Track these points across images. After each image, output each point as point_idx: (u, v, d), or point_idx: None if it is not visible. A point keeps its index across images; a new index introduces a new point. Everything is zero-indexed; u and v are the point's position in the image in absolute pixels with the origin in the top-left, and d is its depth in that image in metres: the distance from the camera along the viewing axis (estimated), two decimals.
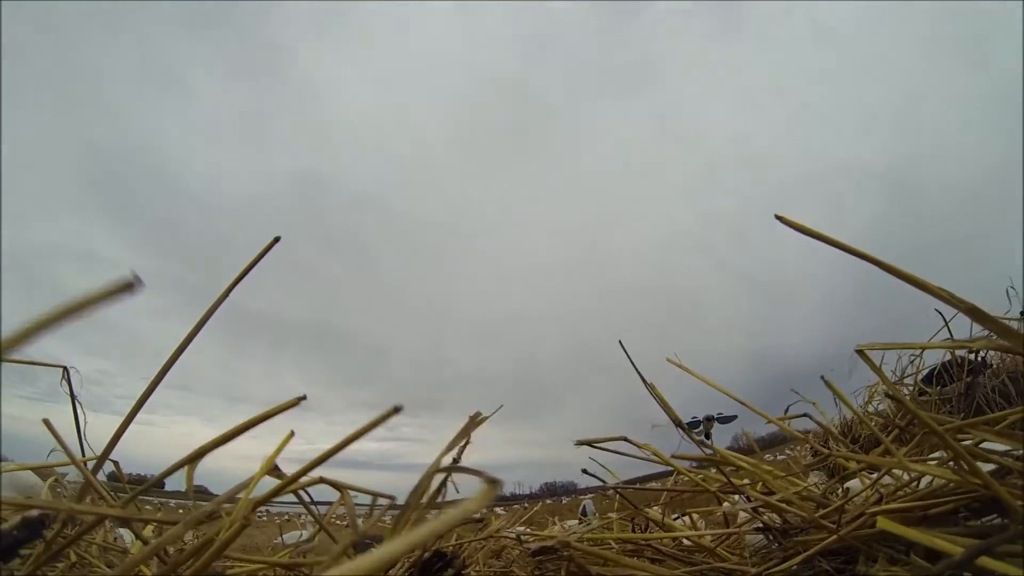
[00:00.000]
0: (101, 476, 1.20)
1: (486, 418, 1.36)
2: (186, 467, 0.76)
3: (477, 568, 1.47)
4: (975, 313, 0.56)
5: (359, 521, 0.90)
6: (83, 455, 1.17)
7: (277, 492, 0.76)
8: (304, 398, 0.74)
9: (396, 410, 0.63)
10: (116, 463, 1.16)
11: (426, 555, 1.19)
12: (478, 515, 1.42)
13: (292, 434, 0.88)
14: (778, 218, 0.40)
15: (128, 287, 0.36)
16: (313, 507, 1.03)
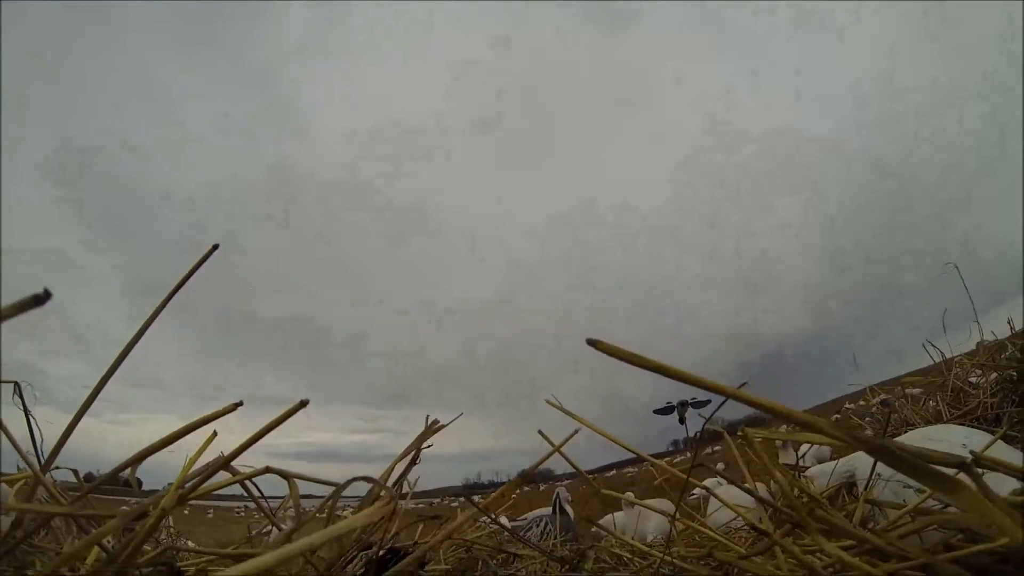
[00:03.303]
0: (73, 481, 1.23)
1: (443, 426, 1.42)
2: (130, 467, 0.79)
3: (438, 564, 1.50)
4: (883, 454, 0.55)
5: (313, 512, 0.94)
6: (40, 463, 1.21)
7: (202, 482, 0.80)
8: (241, 404, 0.78)
9: (303, 404, 0.67)
10: (75, 470, 1.19)
11: (381, 552, 1.22)
12: (434, 513, 1.45)
13: (215, 435, 0.91)
14: (589, 343, 0.41)
15: (37, 300, 0.39)
16: (262, 499, 1.06)
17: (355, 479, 0.80)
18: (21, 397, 1.25)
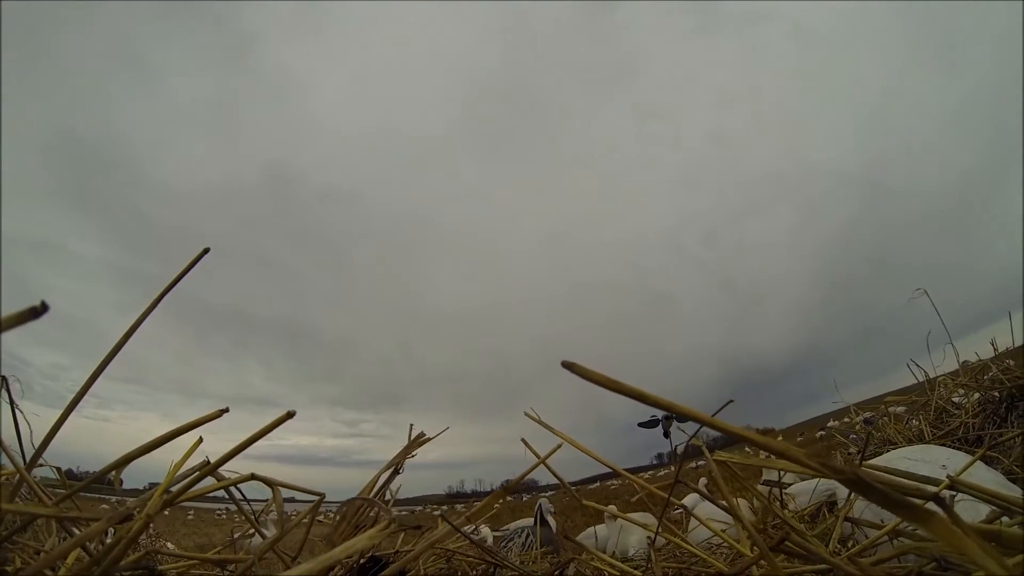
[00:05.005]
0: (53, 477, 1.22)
1: (429, 439, 1.43)
2: (114, 470, 0.80)
3: (418, 573, 1.50)
4: (856, 485, 0.56)
5: (289, 518, 0.95)
6: (24, 459, 1.20)
7: (188, 488, 0.80)
8: (227, 410, 0.79)
9: (289, 415, 0.68)
10: (58, 468, 1.19)
11: (362, 560, 1.22)
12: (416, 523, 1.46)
13: (200, 440, 0.91)
14: (564, 365, 0.42)
15: (35, 312, 0.40)
16: (245, 504, 1.06)
17: (352, 500, 0.82)
18: (8, 391, 1.23)
